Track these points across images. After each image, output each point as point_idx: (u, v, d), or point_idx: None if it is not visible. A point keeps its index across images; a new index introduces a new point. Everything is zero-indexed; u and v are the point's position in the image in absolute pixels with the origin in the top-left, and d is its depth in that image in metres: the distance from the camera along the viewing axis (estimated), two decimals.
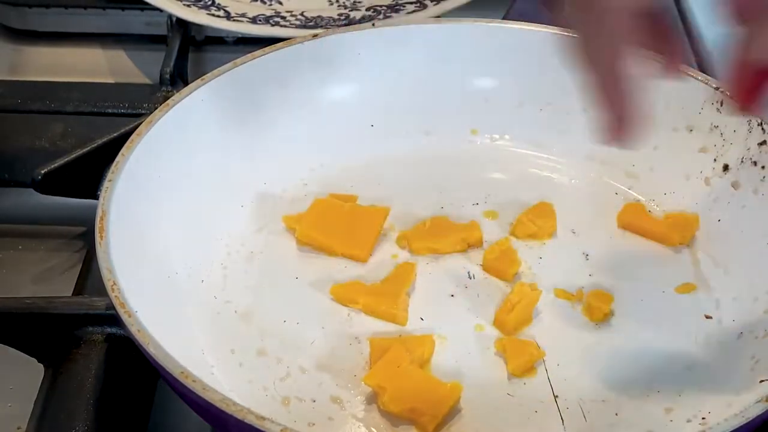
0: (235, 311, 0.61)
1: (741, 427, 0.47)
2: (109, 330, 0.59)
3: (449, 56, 0.73)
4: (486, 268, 0.63)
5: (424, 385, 0.55)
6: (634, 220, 0.67)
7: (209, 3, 0.89)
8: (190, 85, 0.66)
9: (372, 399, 0.56)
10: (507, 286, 0.62)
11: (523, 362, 0.57)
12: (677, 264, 0.65)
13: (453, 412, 0.55)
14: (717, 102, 0.66)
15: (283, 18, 0.89)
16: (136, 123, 0.64)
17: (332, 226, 0.65)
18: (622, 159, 0.70)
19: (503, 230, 0.66)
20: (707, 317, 0.61)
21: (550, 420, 0.55)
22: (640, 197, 0.69)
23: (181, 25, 0.87)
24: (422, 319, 0.60)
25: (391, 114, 0.73)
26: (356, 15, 0.90)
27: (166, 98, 0.67)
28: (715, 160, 0.67)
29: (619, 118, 0.48)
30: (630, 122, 0.48)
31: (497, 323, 0.60)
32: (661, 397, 0.56)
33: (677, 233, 0.65)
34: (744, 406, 0.48)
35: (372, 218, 0.66)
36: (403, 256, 0.65)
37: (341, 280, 0.63)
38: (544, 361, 0.58)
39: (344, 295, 0.62)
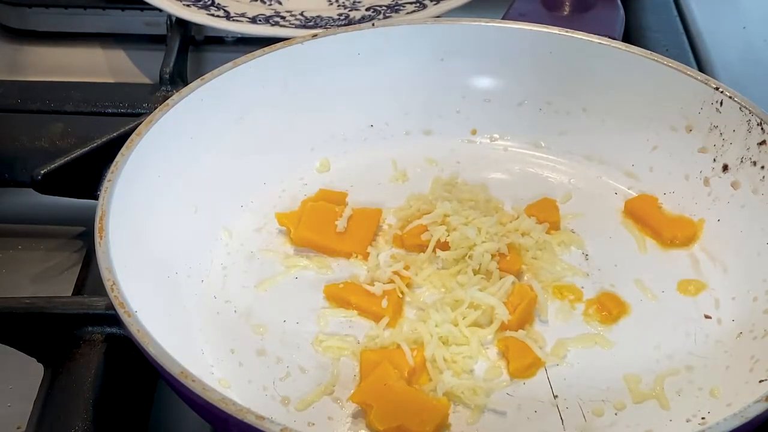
0: (235, 311, 0.61)
1: (741, 426, 0.47)
2: (108, 330, 0.59)
3: (449, 56, 0.73)
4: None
5: (411, 402, 0.54)
6: (641, 210, 0.67)
7: (209, 3, 0.89)
8: (189, 85, 0.66)
9: None
10: (509, 283, 0.62)
11: (524, 365, 0.57)
12: (676, 264, 0.65)
13: (441, 428, 0.54)
14: (717, 102, 0.66)
15: (283, 18, 0.89)
16: (135, 123, 0.64)
17: (327, 227, 0.65)
18: (622, 159, 0.71)
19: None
20: (707, 317, 0.61)
21: (550, 420, 0.55)
22: None
23: (181, 25, 0.87)
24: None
25: (391, 114, 0.73)
26: (356, 15, 0.90)
27: (166, 98, 0.66)
28: (714, 160, 0.67)
29: None
30: None
31: (499, 323, 0.60)
32: (661, 397, 0.56)
33: (677, 235, 0.65)
34: (743, 406, 0.48)
35: (366, 218, 0.66)
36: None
37: (340, 280, 0.63)
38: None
39: (336, 295, 0.62)
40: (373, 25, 0.73)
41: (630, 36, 0.85)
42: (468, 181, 0.71)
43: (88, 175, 0.68)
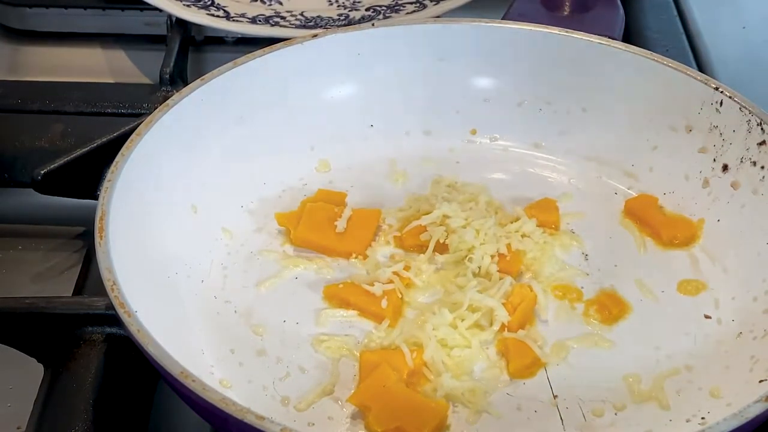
0: (235, 311, 0.61)
1: (740, 427, 0.47)
2: (109, 330, 0.59)
3: (449, 56, 0.73)
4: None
5: (410, 403, 0.54)
6: (641, 210, 0.67)
7: (209, 3, 0.89)
8: (189, 85, 0.66)
9: None
10: (508, 284, 0.62)
11: (524, 365, 0.57)
12: (676, 264, 0.65)
13: (440, 429, 0.54)
14: (716, 102, 0.66)
15: (283, 18, 0.89)
16: (135, 123, 0.64)
17: (327, 227, 0.65)
18: (622, 159, 0.71)
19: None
20: (706, 317, 0.61)
21: (550, 420, 0.55)
22: None
23: (181, 25, 0.87)
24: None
25: (391, 114, 0.73)
26: (356, 15, 0.90)
27: (166, 98, 0.67)
28: (714, 160, 0.67)
29: None
30: None
31: (499, 324, 0.60)
32: (661, 397, 0.56)
33: (677, 235, 0.65)
34: (743, 406, 0.48)
35: (365, 218, 0.66)
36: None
37: (339, 280, 0.63)
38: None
39: (336, 295, 0.62)
40: (373, 25, 0.73)
41: (630, 36, 0.85)
42: (468, 182, 0.70)
43: (88, 175, 0.68)
